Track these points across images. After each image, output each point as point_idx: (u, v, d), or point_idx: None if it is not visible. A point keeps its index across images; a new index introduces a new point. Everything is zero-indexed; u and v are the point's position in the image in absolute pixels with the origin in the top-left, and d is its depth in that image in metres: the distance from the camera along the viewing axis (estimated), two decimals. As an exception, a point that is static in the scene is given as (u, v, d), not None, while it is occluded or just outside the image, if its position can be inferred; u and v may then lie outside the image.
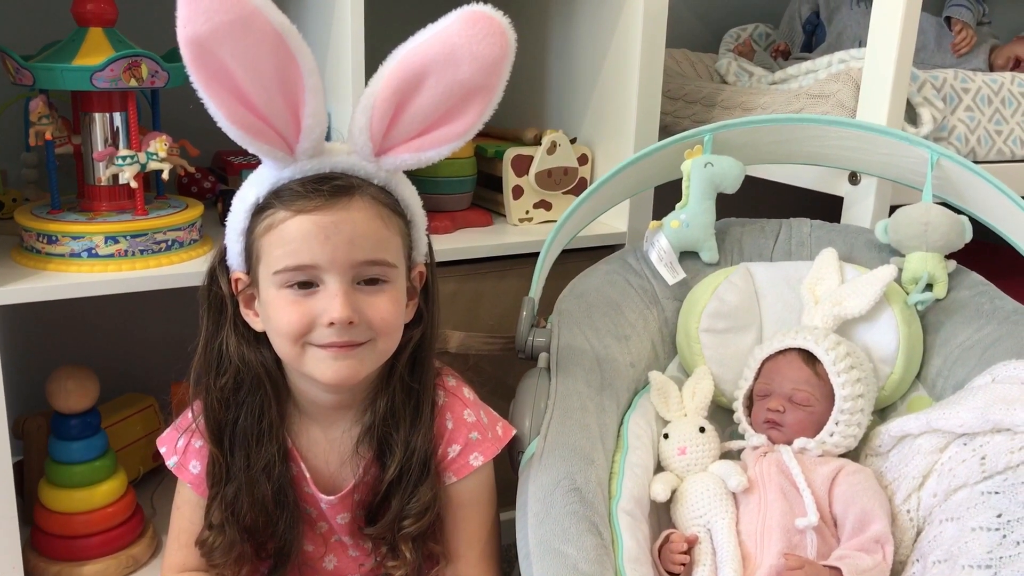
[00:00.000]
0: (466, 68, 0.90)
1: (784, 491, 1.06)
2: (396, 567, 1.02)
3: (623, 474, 1.07)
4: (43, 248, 1.18)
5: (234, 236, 0.96)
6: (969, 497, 1.00)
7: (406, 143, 0.95)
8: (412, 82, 0.91)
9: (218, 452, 0.99)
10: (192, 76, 0.84)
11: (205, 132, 1.43)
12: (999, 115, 1.44)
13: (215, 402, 0.99)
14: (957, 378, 1.14)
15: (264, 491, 0.99)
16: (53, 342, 1.53)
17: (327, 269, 0.91)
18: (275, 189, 0.93)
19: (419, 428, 1.01)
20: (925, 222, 1.16)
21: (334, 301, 0.90)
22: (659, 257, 1.25)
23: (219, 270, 1.00)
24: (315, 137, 0.91)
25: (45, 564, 1.25)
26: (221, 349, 0.99)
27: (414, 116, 0.93)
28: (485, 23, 0.88)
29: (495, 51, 0.89)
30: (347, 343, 0.92)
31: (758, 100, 1.49)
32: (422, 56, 0.90)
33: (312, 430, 1.03)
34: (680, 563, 1.03)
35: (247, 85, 0.85)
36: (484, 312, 1.40)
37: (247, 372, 0.98)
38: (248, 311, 0.98)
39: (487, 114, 0.95)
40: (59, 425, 1.26)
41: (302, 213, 0.90)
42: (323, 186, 0.91)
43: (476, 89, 0.92)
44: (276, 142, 0.90)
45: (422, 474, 1.00)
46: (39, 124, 1.19)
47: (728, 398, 1.21)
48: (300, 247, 0.90)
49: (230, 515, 0.99)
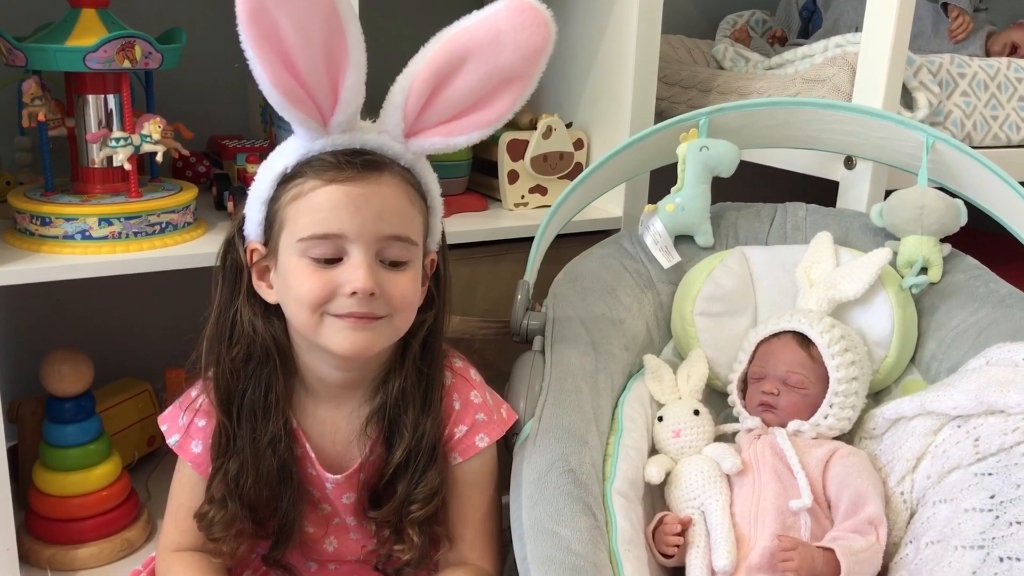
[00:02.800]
0: (508, 55, 0.92)
1: (778, 473, 1.06)
2: (403, 551, 1.02)
3: (617, 456, 1.07)
4: (37, 230, 1.18)
5: (256, 205, 0.96)
6: (962, 479, 1.00)
7: (437, 127, 0.96)
8: (453, 64, 0.93)
9: (227, 422, 0.99)
10: (243, 33, 0.84)
11: (199, 117, 1.44)
12: (995, 100, 1.43)
13: (227, 372, 0.99)
14: (951, 361, 1.14)
15: (269, 466, 0.99)
16: (48, 327, 1.53)
17: (353, 240, 0.91)
18: (306, 159, 0.93)
19: (428, 413, 1.01)
20: (920, 205, 1.16)
21: (358, 272, 0.91)
22: (654, 241, 1.25)
23: (237, 239, 0.99)
24: (351, 112, 0.92)
25: (40, 547, 1.26)
26: (235, 319, 0.99)
27: (449, 99, 0.95)
28: (531, 13, 0.91)
29: (538, 41, 0.92)
30: (366, 314, 0.92)
31: (754, 85, 1.49)
32: (467, 39, 0.92)
33: (318, 410, 1.03)
34: (674, 545, 1.03)
35: (295, 50, 0.86)
36: (479, 296, 1.40)
37: (258, 344, 0.98)
38: (261, 283, 0.98)
39: (519, 103, 0.96)
40: (53, 408, 1.26)
41: (334, 183, 0.91)
42: (355, 159, 0.92)
43: (514, 77, 0.94)
44: (312, 112, 0.91)
45: (430, 459, 1.01)
46: (32, 105, 1.18)
47: (723, 381, 1.21)
48: (329, 215, 0.91)
49: (233, 489, 0.99)
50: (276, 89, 0.87)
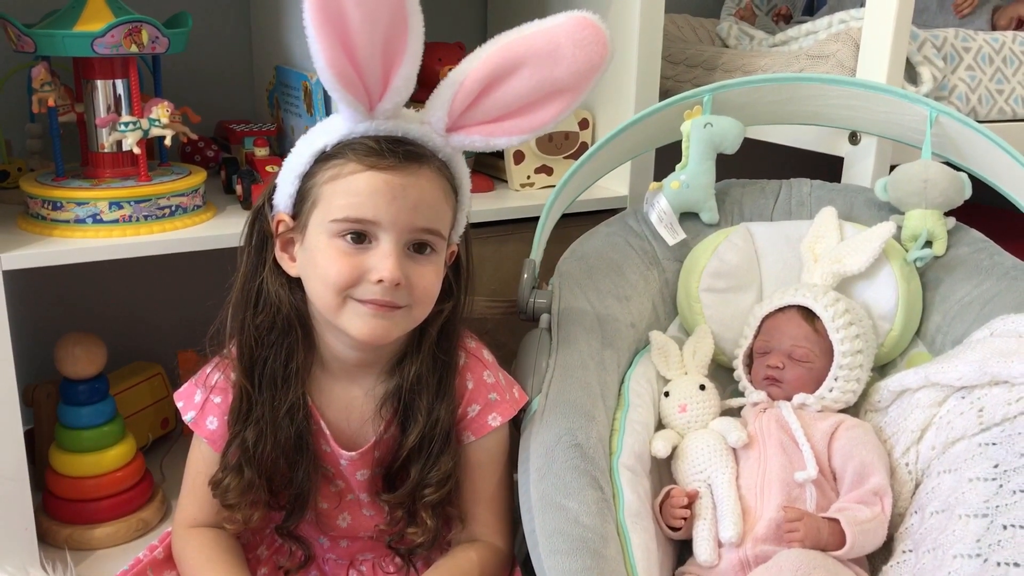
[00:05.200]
0: (564, 68, 0.94)
1: (783, 446, 1.07)
2: (416, 533, 1.03)
3: (624, 431, 1.08)
4: (48, 214, 1.19)
5: (290, 177, 0.97)
6: (967, 449, 1.01)
7: (480, 125, 0.97)
8: (508, 68, 0.94)
9: (249, 388, 1.00)
10: (308, 13, 0.85)
11: (206, 102, 1.45)
12: (1000, 74, 1.43)
13: (251, 339, 1.00)
14: (956, 334, 1.15)
15: (287, 435, 1.00)
16: (60, 313, 1.55)
17: (386, 228, 0.92)
18: (347, 141, 0.94)
19: (443, 399, 1.02)
20: (924, 179, 1.17)
21: (387, 260, 0.92)
22: (659, 218, 1.26)
23: (267, 208, 1.00)
24: (398, 100, 0.93)
25: (57, 527, 1.28)
26: (260, 287, 1.00)
27: (497, 101, 0.96)
28: (592, 30, 0.94)
29: (594, 59, 0.95)
30: (388, 303, 0.93)
31: (758, 62, 1.49)
32: (525, 47, 0.94)
33: (334, 387, 1.04)
34: (681, 517, 1.04)
35: (357, 35, 0.87)
36: (486, 276, 1.41)
37: (282, 314, 0.99)
38: (284, 255, 0.99)
39: (564, 115, 0.99)
40: (68, 391, 1.28)
41: (374, 169, 0.92)
42: (398, 148, 0.93)
43: (564, 89, 0.96)
44: (361, 95, 0.91)
45: (444, 444, 1.02)
46: (42, 91, 1.20)
47: (728, 357, 1.22)
48: (366, 201, 0.92)
49: (251, 456, 1.00)
50: (329, 69, 0.87)
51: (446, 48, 1.48)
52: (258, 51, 1.59)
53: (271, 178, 1.01)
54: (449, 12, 1.75)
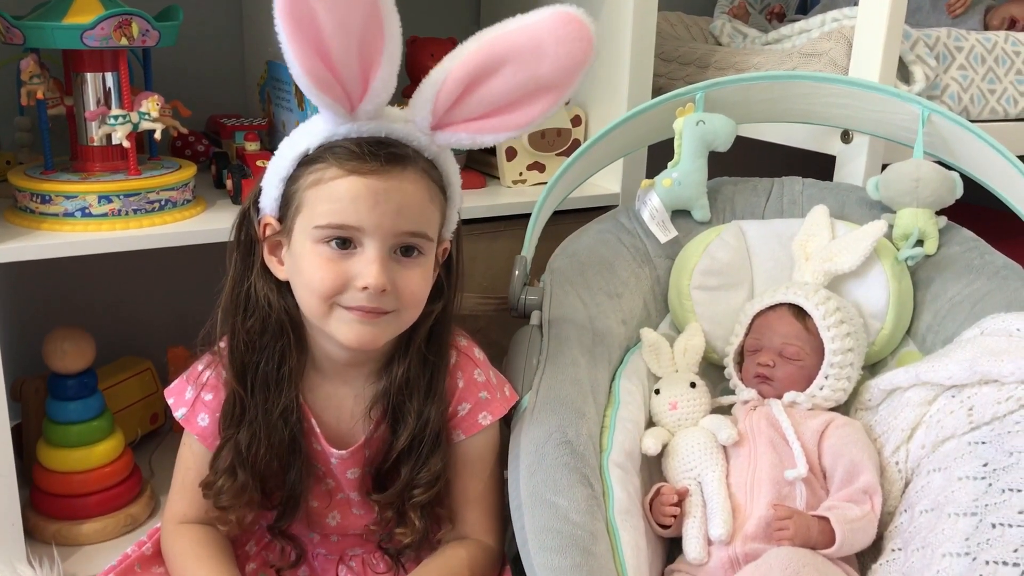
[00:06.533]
0: (547, 65, 0.91)
1: (774, 444, 1.07)
2: (404, 534, 1.03)
3: (614, 428, 1.08)
4: (37, 208, 1.18)
5: (274, 180, 0.96)
6: (956, 448, 1.01)
7: (465, 123, 0.95)
8: (490, 67, 0.92)
9: (241, 392, 0.99)
10: (279, 19, 0.83)
11: (197, 96, 1.45)
12: (992, 74, 1.43)
13: (241, 344, 0.99)
14: (947, 333, 1.15)
15: (281, 437, 1.00)
16: (49, 307, 1.54)
17: (370, 234, 0.91)
18: (329, 144, 0.92)
19: (433, 400, 1.01)
20: (916, 178, 1.17)
21: (371, 267, 0.91)
22: (651, 215, 1.26)
23: (252, 212, 0.99)
24: (379, 101, 0.91)
25: (44, 523, 1.27)
26: (249, 292, 0.99)
27: (481, 99, 0.94)
28: (576, 26, 0.90)
29: (579, 55, 0.91)
30: (375, 309, 0.93)
31: (751, 60, 1.49)
32: (508, 45, 0.91)
33: (324, 386, 1.04)
34: (671, 515, 1.04)
35: (330, 39, 0.85)
36: (478, 273, 1.41)
37: (272, 318, 0.98)
38: (272, 258, 0.98)
39: (551, 112, 0.96)
40: (56, 385, 1.27)
41: (355, 174, 0.90)
42: (380, 151, 0.91)
43: (549, 86, 0.93)
44: (341, 98, 0.89)
45: (434, 445, 1.01)
46: (31, 84, 1.19)
47: (719, 355, 1.22)
48: (347, 207, 0.90)
49: (244, 459, 0.99)
50: (305, 75, 0.86)
51: (439, 43, 1.47)
52: (249, 45, 1.59)
53: (260, 175, 1.00)
54: (442, 8, 1.75)
